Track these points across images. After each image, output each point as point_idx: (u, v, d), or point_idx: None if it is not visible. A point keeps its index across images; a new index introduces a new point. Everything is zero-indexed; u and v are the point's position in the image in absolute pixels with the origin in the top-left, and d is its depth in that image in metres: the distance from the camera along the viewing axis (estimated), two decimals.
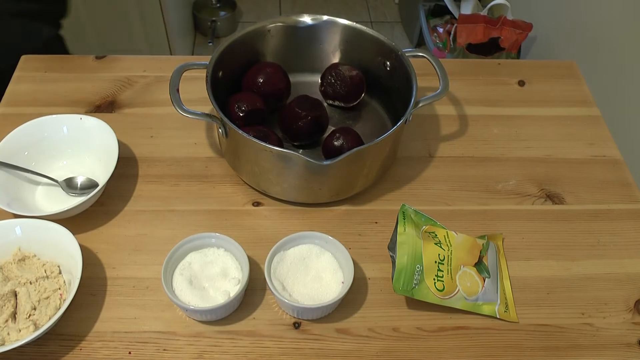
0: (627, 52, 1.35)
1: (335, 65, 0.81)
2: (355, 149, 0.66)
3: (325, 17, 0.81)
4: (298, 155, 0.65)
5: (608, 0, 1.44)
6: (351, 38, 0.81)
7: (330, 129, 0.78)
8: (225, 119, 0.67)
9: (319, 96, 0.83)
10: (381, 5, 2.53)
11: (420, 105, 0.72)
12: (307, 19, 0.81)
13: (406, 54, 0.76)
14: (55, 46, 1.04)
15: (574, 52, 1.60)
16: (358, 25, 0.80)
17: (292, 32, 0.81)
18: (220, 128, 0.70)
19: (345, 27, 0.81)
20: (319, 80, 0.83)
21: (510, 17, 1.74)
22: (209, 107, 0.77)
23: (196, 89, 0.77)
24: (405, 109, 0.71)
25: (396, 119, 0.72)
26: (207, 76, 0.71)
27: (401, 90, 0.76)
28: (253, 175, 0.73)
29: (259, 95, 0.78)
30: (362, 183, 0.74)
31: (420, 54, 0.78)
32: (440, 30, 1.97)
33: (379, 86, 0.83)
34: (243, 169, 0.74)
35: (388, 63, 0.79)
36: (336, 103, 0.82)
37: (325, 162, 0.65)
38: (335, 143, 0.73)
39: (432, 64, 0.76)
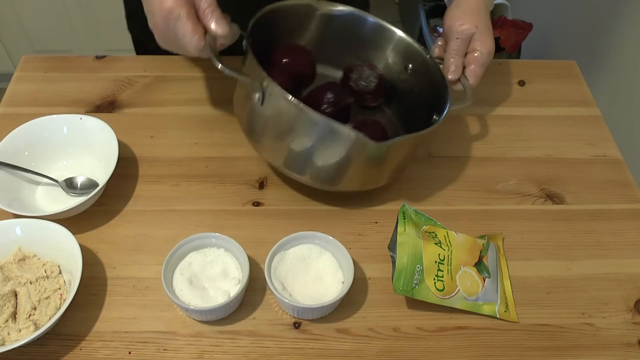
0: (627, 52, 1.35)
1: (364, 63, 0.79)
2: (410, 135, 0.64)
3: (352, 9, 0.78)
4: (351, 131, 0.62)
5: (608, 0, 1.44)
6: (379, 35, 0.79)
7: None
8: (274, 82, 0.62)
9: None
10: (381, 5, 2.53)
11: (447, 111, 0.69)
12: (337, 8, 0.78)
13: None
14: None
15: (574, 52, 1.60)
16: (387, 24, 0.78)
17: (317, 18, 0.78)
18: (257, 93, 0.65)
19: (373, 23, 0.79)
20: (343, 73, 0.80)
21: (510, 17, 1.74)
22: (208, 107, 0.77)
23: (196, 89, 0.77)
24: (425, 113, 0.69)
25: (408, 123, 0.69)
26: (247, 36, 0.67)
27: (422, 94, 0.74)
28: (280, 149, 0.68)
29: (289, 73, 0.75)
30: (382, 178, 0.71)
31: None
32: (441, 30, 1.97)
33: (396, 88, 0.81)
34: (269, 141, 0.69)
35: (410, 66, 0.78)
36: (363, 98, 0.80)
37: (380, 143, 0.62)
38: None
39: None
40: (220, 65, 0.62)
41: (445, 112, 0.69)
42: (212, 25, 0.63)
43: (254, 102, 0.66)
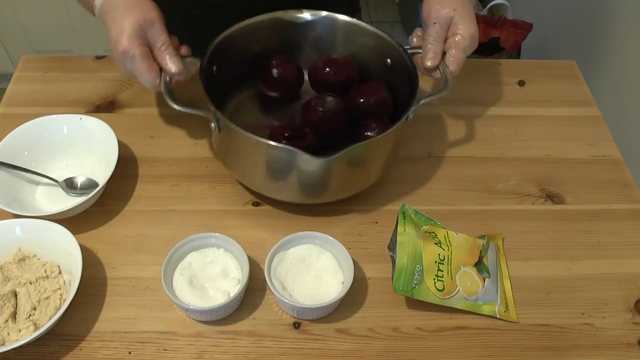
0: (627, 52, 1.35)
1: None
2: (354, 145, 0.64)
3: (324, 13, 0.79)
4: (294, 151, 0.63)
5: (608, 0, 1.44)
6: (352, 34, 0.80)
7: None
8: (219, 114, 0.65)
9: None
10: (381, 6, 2.53)
11: (422, 102, 0.70)
12: (306, 15, 0.79)
13: (408, 51, 0.74)
14: None
15: (574, 52, 1.60)
16: (357, 22, 0.79)
17: (290, 27, 0.80)
18: (213, 123, 0.68)
19: (345, 23, 0.79)
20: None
21: (510, 17, 1.74)
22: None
23: (196, 89, 0.77)
24: (406, 107, 0.70)
25: (395, 118, 0.71)
26: (201, 69, 0.69)
27: (402, 88, 0.74)
28: (245, 172, 0.71)
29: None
30: (361, 183, 0.73)
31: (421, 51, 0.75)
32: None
33: None
34: (236, 165, 0.72)
35: (389, 60, 0.78)
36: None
37: (323, 159, 0.63)
38: (369, 134, 0.72)
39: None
40: (175, 105, 0.66)
41: (412, 106, 0.68)
42: (166, 64, 0.67)
43: (214, 131, 0.69)
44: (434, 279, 0.64)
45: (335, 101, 0.75)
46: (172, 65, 0.67)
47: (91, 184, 0.75)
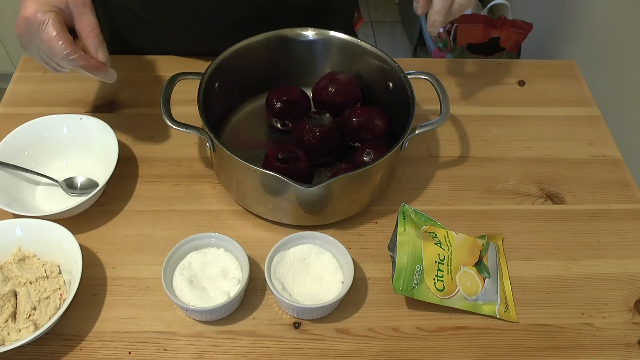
0: (628, 51, 1.35)
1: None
2: (342, 175, 0.64)
3: (329, 32, 0.79)
4: (280, 178, 0.63)
5: (608, 0, 1.44)
6: (355, 55, 0.79)
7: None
8: (213, 137, 0.66)
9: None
10: (381, 5, 2.52)
11: (417, 132, 0.70)
12: (309, 33, 0.79)
13: (410, 76, 0.73)
14: None
15: (574, 52, 1.60)
16: (363, 43, 0.78)
17: (293, 45, 0.80)
18: (208, 142, 0.69)
19: (350, 43, 0.79)
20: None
21: (510, 17, 1.74)
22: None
23: (196, 89, 0.77)
24: (403, 132, 0.68)
25: (395, 140, 0.69)
26: (199, 89, 0.70)
27: (402, 112, 0.73)
28: (239, 192, 0.71)
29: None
30: (353, 208, 0.72)
31: (424, 77, 0.75)
32: (440, 30, 1.97)
33: (380, 106, 0.79)
34: (230, 185, 0.72)
35: (391, 84, 0.77)
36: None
37: (309, 187, 0.63)
38: (365, 159, 0.72)
39: (434, 87, 0.74)
40: (172, 124, 0.67)
41: (406, 135, 0.68)
42: (96, 51, 0.63)
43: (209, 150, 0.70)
44: (434, 279, 0.64)
45: (326, 119, 0.74)
46: (102, 54, 0.62)
47: (91, 184, 0.75)
